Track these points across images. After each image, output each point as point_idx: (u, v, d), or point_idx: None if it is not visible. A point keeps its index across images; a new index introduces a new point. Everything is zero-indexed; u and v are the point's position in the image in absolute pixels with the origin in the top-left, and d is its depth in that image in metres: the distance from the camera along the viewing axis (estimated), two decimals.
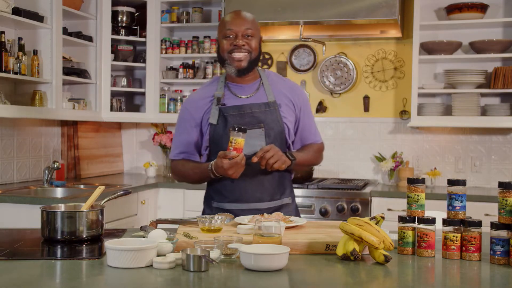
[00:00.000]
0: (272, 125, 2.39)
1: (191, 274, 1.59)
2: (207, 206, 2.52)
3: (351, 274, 1.66)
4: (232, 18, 2.41)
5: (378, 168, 4.51)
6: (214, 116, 2.40)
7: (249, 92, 2.44)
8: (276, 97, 2.44)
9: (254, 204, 2.40)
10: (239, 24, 2.38)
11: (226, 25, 2.39)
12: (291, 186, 2.55)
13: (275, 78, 2.52)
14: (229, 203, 2.42)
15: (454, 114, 4.11)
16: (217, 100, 2.41)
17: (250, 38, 2.38)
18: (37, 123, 4.22)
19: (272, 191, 2.43)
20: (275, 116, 2.40)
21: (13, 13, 3.53)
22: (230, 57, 2.38)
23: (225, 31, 2.39)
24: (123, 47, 4.62)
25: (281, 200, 2.46)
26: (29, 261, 1.74)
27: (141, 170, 4.94)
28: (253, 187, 2.40)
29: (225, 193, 2.43)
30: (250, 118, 2.38)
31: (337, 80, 4.56)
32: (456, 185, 1.87)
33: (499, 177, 4.25)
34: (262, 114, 2.39)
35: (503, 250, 1.75)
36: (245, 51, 2.37)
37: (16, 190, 3.63)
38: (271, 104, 2.41)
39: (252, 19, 2.42)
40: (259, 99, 2.42)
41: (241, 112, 2.38)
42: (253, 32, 2.39)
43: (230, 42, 2.38)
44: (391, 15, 3.79)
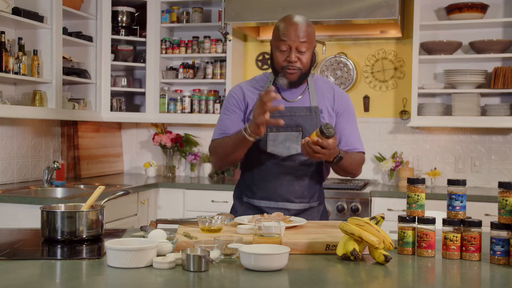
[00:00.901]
0: (311, 130, 2.36)
1: (191, 274, 1.59)
2: (238, 201, 2.54)
3: (351, 274, 1.66)
4: (286, 29, 2.31)
5: (378, 168, 4.51)
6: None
7: (295, 96, 2.43)
8: (319, 102, 2.43)
9: (282, 203, 2.41)
10: (293, 37, 2.29)
11: (281, 36, 2.31)
12: (320, 190, 2.54)
13: (321, 83, 2.50)
14: (259, 200, 2.44)
15: (454, 114, 4.11)
16: None
17: (303, 53, 2.32)
18: (37, 123, 4.22)
19: (301, 194, 2.44)
20: (315, 121, 2.39)
21: (13, 13, 3.53)
22: (283, 71, 2.34)
23: (279, 43, 2.32)
24: (123, 47, 4.62)
25: (309, 203, 2.47)
26: (29, 261, 1.74)
27: (141, 170, 4.94)
28: (283, 187, 2.41)
29: (255, 190, 2.45)
30: (289, 120, 2.37)
31: (337, 80, 4.56)
32: (456, 185, 1.87)
33: (499, 177, 4.25)
34: (301, 118, 2.39)
35: (503, 250, 1.75)
36: (296, 69, 2.32)
37: (16, 190, 3.63)
38: (313, 109, 2.41)
39: (307, 30, 2.32)
40: (303, 103, 2.42)
41: (282, 115, 2.35)
42: (307, 46, 2.31)
43: (283, 57, 2.32)
44: (391, 15, 3.79)
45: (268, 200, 2.43)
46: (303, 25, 2.32)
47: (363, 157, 2.50)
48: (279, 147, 2.38)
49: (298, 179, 2.42)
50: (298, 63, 2.33)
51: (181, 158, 4.89)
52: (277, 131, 2.37)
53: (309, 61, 2.37)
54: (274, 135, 2.37)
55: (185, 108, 4.65)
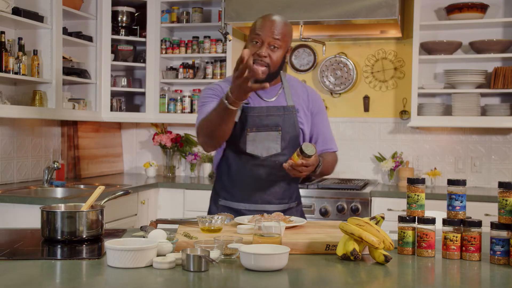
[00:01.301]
0: (289, 129, 2.38)
1: (191, 274, 1.59)
2: (213, 204, 2.52)
3: (351, 274, 1.66)
4: (262, 23, 2.29)
5: (378, 168, 4.51)
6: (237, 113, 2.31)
7: (272, 95, 2.42)
8: (295, 102, 2.43)
9: (262, 205, 2.40)
10: (267, 32, 2.27)
11: (256, 29, 2.29)
12: (298, 190, 2.56)
13: (295, 83, 2.50)
14: (237, 202, 2.42)
15: (454, 114, 4.11)
16: None
17: (275, 49, 2.28)
18: (37, 123, 4.22)
19: (281, 195, 2.43)
20: (292, 121, 2.39)
21: (13, 13, 3.53)
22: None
23: (253, 36, 2.30)
24: (123, 47, 4.62)
25: (288, 204, 2.47)
26: (29, 261, 1.74)
27: (141, 170, 4.94)
28: (263, 189, 2.40)
29: (233, 192, 2.43)
30: (268, 120, 2.37)
31: (337, 80, 4.56)
32: (456, 185, 1.87)
33: (499, 177, 4.25)
34: (280, 117, 2.38)
35: (503, 250, 1.75)
36: (264, 65, 2.27)
37: (16, 190, 3.63)
38: (290, 108, 2.40)
39: (283, 28, 2.29)
40: (279, 103, 2.41)
41: (261, 114, 2.37)
42: (280, 44, 2.28)
43: (254, 50, 2.28)
44: (391, 15, 3.79)
45: (248, 202, 2.40)
46: (280, 23, 2.30)
47: (337, 157, 2.54)
48: (259, 148, 2.36)
49: (278, 180, 2.40)
50: (268, 58, 2.28)
51: (181, 158, 4.89)
52: (256, 131, 2.34)
53: (280, 60, 2.32)
54: (253, 135, 2.35)
55: (185, 108, 4.65)
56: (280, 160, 2.35)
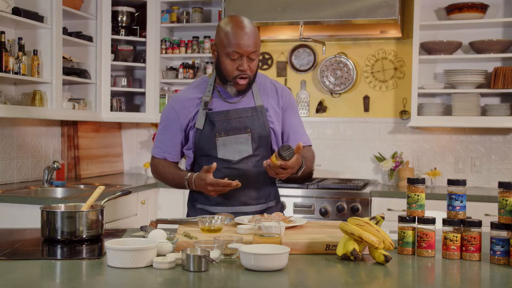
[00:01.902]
0: (259, 130, 2.36)
1: (191, 274, 1.59)
2: (191, 207, 2.50)
3: (351, 274, 1.66)
4: (237, 37, 2.24)
5: (378, 168, 4.51)
6: (200, 120, 2.35)
7: (238, 97, 2.39)
8: (263, 101, 2.41)
9: (239, 207, 2.38)
10: (245, 46, 2.24)
11: (231, 44, 2.24)
12: (276, 189, 2.54)
13: (263, 81, 2.47)
14: (214, 206, 2.40)
15: (454, 114, 4.11)
16: (204, 104, 2.36)
17: (253, 61, 2.29)
18: (37, 123, 4.22)
19: (257, 195, 2.41)
20: (262, 121, 2.37)
21: (13, 13, 3.53)
22: (234, 80, 2.30)
23: (229, 51, 2.25)
24: (123, 47, 4.62)
25: (266, 204, 2.45)
26: (29, 261, 1.74)
27: (141, 170, 4.94)
28: (238, 191, 2.36)
29: (209, 196, 2.38)
30: (236, 123, 2.34)
31: (337, 80, 4.56)
32: (456, 185, 1.87)
33: (499, 177, 4.25)
34: (248, 119, 2.36)
35: (503, 250, 1.75)
36: (246, 77, 2.29)
37: (16, 190, 3.63)
38: (259, 108, 2.38)
39: (255, 35, 2.28)
40: (247, 104, 2.39)
41: (228, 118, 2.35)
42: (257, 53, 2.29)
43: (235, 65, 2.27)
44: (391, 15, 3.79)
45: (225, 205, 2.39)
46: (253, 32, 2.27)
47: (313, 151, 2.52)
48: (230, 152, 2.35)
49: (253, 181, 2.39)
50: (249, 71, 2.29)
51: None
52: (225, 135, 2.33)
53: (256, 67, 2.34)
54: (222, 139, 2.33)
55: None
56: (252, 162, 2.34)
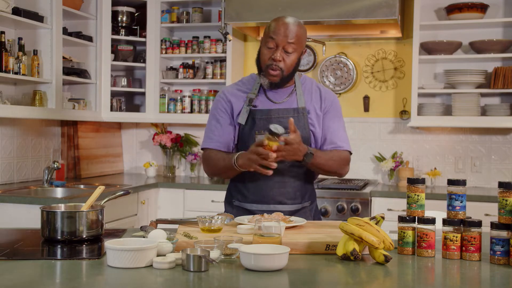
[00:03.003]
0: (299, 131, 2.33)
1: (191, 274, 1.59)
2: (228, 205, 2.52)
3: (351, 274, 1.66)
4: (277, 27, 2.30)
5: (378, 168, 4.51)
6: (244, 116, 2.39)
7: (282, 98, 2.42)
8: (307, 103, 2.42)
9: (274, 206, 2.39)
10: (282, 36, 2.28)
11: (270, 32, 2.31)
12: (312, 189, 2.52)
13: (309, 84, 2.48)
14: (251, 204, 2.42)
15: (454, 114, 4.11)
16: (249, 100, 2.40)
17: (289, 54, 2.31)
18: (37, 123, 4.22)
19: (294, 195, 2.42)
20: (303, 123, 2.38)
21: (13, 13, 3.53)
22: (266, 70, 2.33)
23: (267, 39, 2.31)
24: (123, 47, 4.62)
25: (301, 204, 2.45)
26: (29, 261, 1.74)
27: (141, 170, 4.94)
28: (275, 190, 2.39)
29: (246, 194, 2.42)
30: (276, 123, 2.34)
31: (337, 80, 4.56)
32: (456, 185, 1.87)
33: (499, 177, 4.25)
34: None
35: (503, 250, 1.75)
36: (278, 69, 2.31)
37: (16, 190, 3.63)
38: (301, 110, 2.39)
39: (297, 31, 2.31)
40: (290, 105, 2.41)
41: (269, 117, 2.37)
42: (294, 47, 2.31)
43: (269, 55, 2.31)
44: (391, 15, 3.79)
45: (260, 203, 2.40)
46: (295, 26, 2.31)
47: (347, 155, 2.45)
48: None
49: (290, 181, 2.40)
50: (282, 63, 2.31)
51: (181, 158, 4.89)
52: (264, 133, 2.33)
53: (294, 64, 2.35)
54: (262, 137, 2.33)
55: (185, 108, 4.65)
56: (289, 162, 2.34)
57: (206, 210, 3.95)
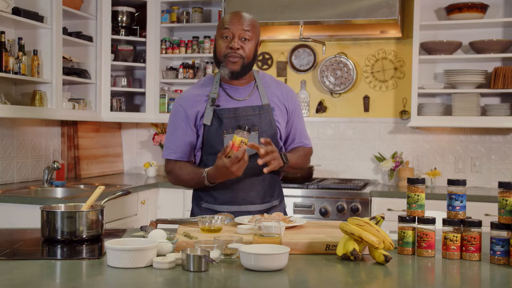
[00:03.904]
0: (266, 128, 2.38)
1: (191, 274, 1.59)
2: (196, 206, 2.49)
3: (351, 274, 1.66)
4: (231, 18, 2.35)
5: (378, 168, 4.51)
6: (208, 117, 2.37)
7: (244, 95, 2.41)
8: (270, 100, 2.43)
9: (245, 206, 2.39)
10: (237, 25, 2.32)
11: (224, 24, 2.34)
12: (280, 188, 2.55)
13: (269, 80, 2.50)
14: (220, 205, 2.40)
15: (454, 114, 4.11)
16: (211, 100, 2.38)
17: (246, 41, 2.33)
18: (37, 123, 4.22)
19: (263, 194, 2.42)
20: (269, 119, 2.39)
21: (13, 13, 3.53)
22: (225, 59, 2.34)
23: (222, 31, 2.34)
24: (123, 47, 4.62)
25: (271, 202, 2.45)
26: (29, 261, 1.74)
27: (141, 170, 4.94)
28: (244, 190, 2.38)
29: (215, 195, 2.40)
30: (244, 121, 2.35)
31: (337, 80, 4.56)
32: (456, 185, 1.87)
33: (499, 177, 4.25)
34: (256, 117, 2.38)
35: (503, 250, 1.75)
36: (238, 56, 2.32)
37: (16, 190, 3.63)
38: (265, 107, 2.40)
39: (251, 21, 2.36)
40: (253, 102, 2.41)
41: (236, 115, 2.36)
42: (250, 36, 2.34)
43: (226, 44, 2.33)
44: (391, 15, 3.79)
45: (231, 204, 2.39)
46: (247, 16, 2.37)
47: (310, 150, 2.59)
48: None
49: (259, 180, 2.40)
50: (241, 50, 2.32)
51: None
52: (233, 132, 2.33)
53: (253, 52, 2.36)
54: (230, 137, 2.33)
55: None
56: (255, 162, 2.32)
57: None
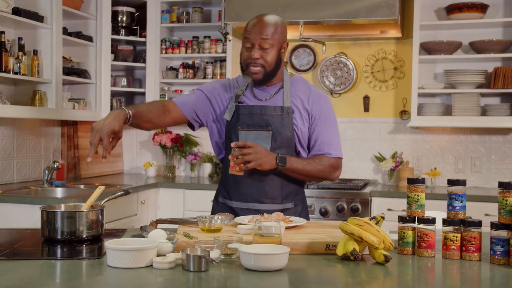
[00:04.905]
0: (281, 130, 2.36)
1: (191, 274, 1.59)
2: (215, 201, 2.56)
3: (351, 274, 1.66)
4: (252, 26, 2.33)
5: (378, 168, 4.51)
6: (230, 112, 2.41)
7: (268, 95, 2.42)
8: (292, 102, 2.40)
9: (253, 204, 2.39)
10: (256, 34, 2.30)
11: (246, 33, 2.33)
12: (298, 191, 2.49)
13: (299, 84, 2.46)
14: (231, 201, 2.44)
15: (454, 114, 4.11)
16: (235, 97, 2.41)
17: (266, 50, 2.31)
18: (37, 123, 4.22)
19: (273, 194, 2.40)
20: (287, 121, 2.37)
21: (13, 13, 3.53)
22: (247, 69, 2.35)
23: (244, 40, 2.34)
24: (123, 47, 4.62)
25: (283, 204, 2.42)
26: (29, 261, 1.74)
27: (141, 170, 4.94)
28: (254, 188, 2.39)
29: (229, 190, 2.45)
30: (258, 119, 2.37)
31: (337, 80, 4.56)
32: (456, 185, 1.87)
33: (499, 177, 4.25)
34: (272, 117, 2.37)
35: (503, 250, 1.75)
36: (259, 66, 2.31)
37: (16, 190, 3.63)
38: (285, 109, 2.38)
39: (273, 26, 2.32)
40: (276, 103, 2.40)
41: (252, 113, 2.38)
42: (271, 43, 2.31)
43: (248, 53, 2.33)
44: (391, 15, 3.79)
45: (240, 201, 2.41)
46: (268, 22, 2.32)
47: (334, 161, 2.41)
48: None
49: (268, 179, 2.38)
50: (261, 60, 2.31)
51: (181, 158, 4.89)
52: (247, 129, 2.36)
53: (275, 59, 2.34)
54: (244, 133, 2.36)
55: None
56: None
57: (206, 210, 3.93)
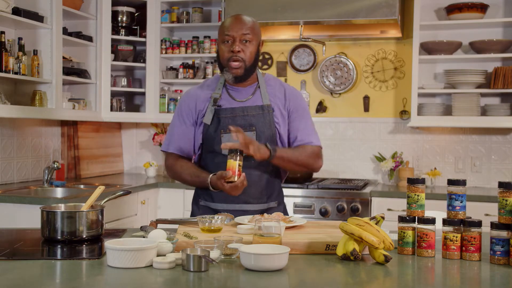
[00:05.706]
0: (264, 129, 2.40)
1: (191, 274, 1.59)
2: (195, 204, 2.53)
3: (351, 274, 1.66)
4: (230, 22, 2.39)
5: (378, 168, 4.51)
6: (209, 116, 2.42)
7: (246, 96, 2.45)
8: (271, 100, 2.45)
9: (240, 205, 2.40)
10: (236, 29, 2.36)
11: (225, 29, 2.38)
12: (279, 190, 2.54)
13: (273, 82, 2.51)
14: (215, 203, 2.43)
15: (454, 114, 4.11)
16: (213, 100, 2.42)
17: (247, 43, 2.36)
18: (37, 123, 4.22)
19: (259, 194, 2.43)
20: (268, 120, 2.41)
21: (13, 13, 3.53)
22: (228, 64, 2.38)
23: (223, 36, 2.38)
24: (123, 47, 4.62)
25: (267, 204, 2.46)
26: (29, 261, 1.74)
27: (141, 170, 4.94)
28: None
29: (212, 193, 2.42)
30: (242, 120, 2.39)
31: (337, 80, 4.56)
32: (456, 185, 1.87)
33: (499, 177, 4.25)
34: (254, 117, 2.40)
35: (503, 250, 1.75)
36: (240, 60, 2.35)
37: (16, 190, 3.63)
38: (265, 107, 2.42)
39: (251, 23, 2.39)
40: (254, 102, 2.43)
41: (234, 115, 2.40)
42: (251, 38, 2.37)
43: (228, 48, 2.36)
44: (391, 15, 3.79)
45: (226, 202, 2.41)
46: (247, 20, 2.40)
47: (317, 149, 2.48)
48: None
49: (254, 180, 2.40)
50: (242, 53, 2.35)
51: None
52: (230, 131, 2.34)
53: (254, 55, 2.39)
54: (228, 136, 2.35)
55: None
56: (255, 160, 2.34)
57: None
